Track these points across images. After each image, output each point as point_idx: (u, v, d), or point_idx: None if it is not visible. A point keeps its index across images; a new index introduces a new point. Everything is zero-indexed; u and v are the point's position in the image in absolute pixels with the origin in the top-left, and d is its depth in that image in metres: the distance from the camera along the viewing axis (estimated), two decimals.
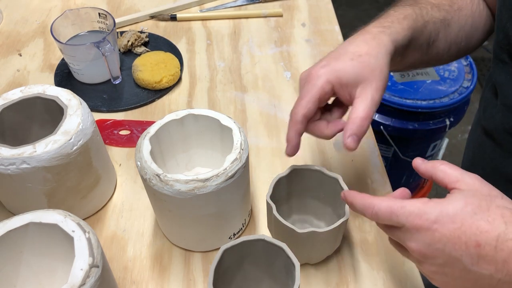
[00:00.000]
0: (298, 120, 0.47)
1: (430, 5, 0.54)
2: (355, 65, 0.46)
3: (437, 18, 0.54)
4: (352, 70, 0.46)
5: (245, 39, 0.86)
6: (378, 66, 0.46)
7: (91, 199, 0.58)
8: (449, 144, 1.81)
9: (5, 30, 0.89)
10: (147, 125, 0.71)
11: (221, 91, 0.77)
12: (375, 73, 0.46)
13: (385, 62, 0.47)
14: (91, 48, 0.72)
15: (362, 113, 0.45)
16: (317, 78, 0.47)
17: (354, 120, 0.45)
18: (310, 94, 0.47)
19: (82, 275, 0.39)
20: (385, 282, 0.54)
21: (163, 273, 0.55)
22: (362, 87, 0.46)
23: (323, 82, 0.46)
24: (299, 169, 0.53)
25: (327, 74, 0.47)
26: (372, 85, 0.46)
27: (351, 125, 0.45)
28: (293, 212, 0.58)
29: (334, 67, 0.47)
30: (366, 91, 0.46)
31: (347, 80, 0.46)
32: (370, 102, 0.46)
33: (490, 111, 0.58)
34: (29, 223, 0.44)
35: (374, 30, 0.49)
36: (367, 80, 0.46)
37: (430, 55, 0.56)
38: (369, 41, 0.48)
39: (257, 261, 0.47)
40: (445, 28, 0.55)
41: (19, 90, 0.56)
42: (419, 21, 0.52)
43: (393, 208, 0.38)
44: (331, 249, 0.54)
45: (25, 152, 0.49)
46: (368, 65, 0.46)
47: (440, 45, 0.55)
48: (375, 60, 0.47)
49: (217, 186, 0.47)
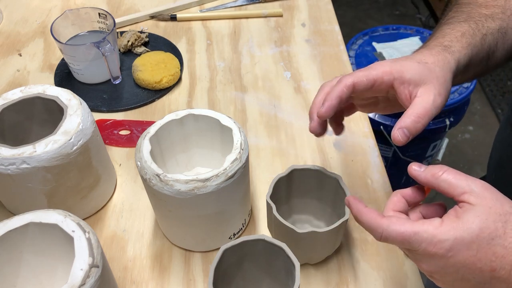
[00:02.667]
0: (348, 84, 0.45)
1: (484, 17, 0.53)
2: (421, 67, 0.45)
3: (494, 28, 0.52)
4: (418, 69, 0.45)
5: (245, 39, 0.86)
6: (443, 76, 0.45)
7: (91, 199, 0.58)
8: (449, 144, 1.81)
9: (5, 30, 0.89)
10: (147, 125, 0.71)
11: (221, 91, 0.77)
12: (439, 80, 0.45)
13: (450, 76, 0.46)
14: (91, 48, 0.72)
15: (420, 110, 0.43)
16: (381, 66, 0.45)
17: (409, 114, 0.43)
18: (367, 72, 0.45)
19: (82, 275, 0.39)
20: (385, 282, 0.54)
21: (163, 273, 0.55)
22: (425, 88, 0.44)
23: (386, 70, 0.45)
24: (299, 169, 0.53)
25: (392, 66, 0.45)
26: (436, 88, 0.44)
27: (405, 118, 0.43)
28: (293, 212, 0.58)
29: (400, 63, 0.45)
30: (429, 92, 0.44)
31: (411, 77, 0.44)
32: (431, 102, 0.43)
33: None
34: (29, 223, 0.44)
35: (437, 48, 0.48)
36: (431, 83, 0.44)
37: (489, 65, 0.54)
38: (435, 55, 0.47)
39: (257, 261, 0.47)
40: (502, 37, 0.53)
41: (19, 90, 0.56)
42: (477, 35, 0.50)
43: (404, 235, 0.37)
44: (331, 249, 0.54)
45: (25, 152, 0.49)
46: (433, 71, 0.45)
47: (498, 54, 0.54)
48: (440, 69, 0.45)
49: (217, 186, 0.47)
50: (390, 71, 0.45)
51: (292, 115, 0.73)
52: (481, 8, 0.54)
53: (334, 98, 0.45)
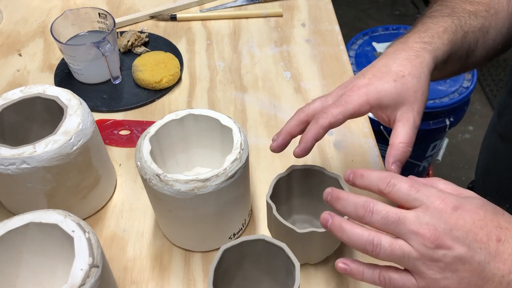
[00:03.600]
0: (324, 125, 0.46)
1: (468, 13, 0.53)
2: (398, 87, 0.45)
3: (475, 26, 0.52)
4: (395, 91, 0.45)
5: (245, 39, 0.86)
6: (420, 88, 0.46)
7: (91, 199, 0.58)
8: (449, 144, 1.81)
9: (5, 30, 0.89)
10: (147, 125, 0.71)
11: (221, 91, 0.77)
12: (417, 95, 0.45)
13: (427, 83, 0.47)
14: (91, 48, 0.72)
15: (405, 139, 0.44)
16: (358, 96, 0.46)
17: (397, 146, 0.44)
18: (345, 108, 0.46)
19: (82, 275, 0.39)
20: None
21: (163, 273, 0.55)
22: (403, 110, 0.45)
23: (363, 102, 0.45)
24: (299, 169, 0.53)
25: (369, 94, 0.46)
26: (414, 108, 0.45)
27: (394, 151, 0.44)
28: (293, 212, 0.58)
29: (376, 88, 0.46)
30: (408, 115, 0.45)
31: (388, 102, 0.45)
32: (412, 126, 0.45)
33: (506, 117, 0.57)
34: (29, 223, 0.44)
35: (416, 46, 0.48)
36: (409, 103, 0.45)
37: (468, 63, 0.55)
38: (413, 60, 0.47)
39: (257, 261, 0.47)
40: (483, 36, 0.53)
41: (19, 90, 0.56)
42: (458, 32, 0.51)
43: (414, 183, 0.37)
44: (331, 249, 0.54)
45: (25, 152, 0.49)
46: (411, 87, 0.45)
47: (478, 53, 0.54)
48: (417, 81, 0.46)
49: (217, 186, 0.47)
50: (367, 101, 0.45)
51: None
52: (465, 4, 0.54)
53: (310, 141, 0.46)
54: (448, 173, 1.79)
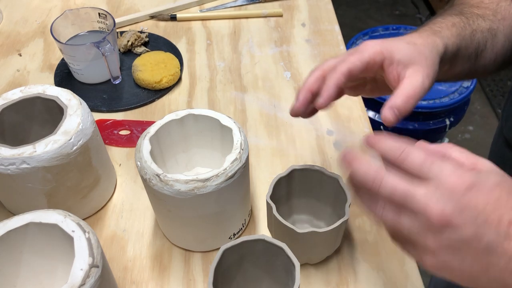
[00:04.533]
0: (343, 71, 0.44)
1: (475, 15, 0.53)
2: (410, 48, 0.45)
3: (483, 27, 0.53)
4: (407, 50, 0.45)
5: (245, 39, 0.86)
6: (431, 58, 0.45)
7: (91, 199, 0.58)
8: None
9: (5, 30, 0.89)
10: (147, 125, 0.71)
11: (221, 91, 0.77)
12: (428, 62, 0.45)
13: (437, 59, 0.46)
14: (91, 48, 0.72)
15: (410, 91, 0.43)
16: (371, 47, 0.45)
17: (399, 95, 0.42)
18: (361, 55, 0.45)
19: (82, 275, 0.39)
20: (385, 282, 0.54)
21: (163, 273, 0.55)
22: (414, 69, 0.44)
23: (376, 51, 0.45)
24: (299, 169, 0.53)
25: (382, 46, 0.45)
26: (424, 70, 0.44)
27: (395, 98, 0.42)
28: (293, 212, 0.58)
29: (389, 43, 0.45)
30: (417, 73, 0.44)
31: (400, 57, 0.44)
32: (420, 84, 0.43)
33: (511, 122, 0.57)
34: (29, 223, 0.44)
35: (426, 32, 0.48)
36: (420, 65, 0.44)
37: (477, 65, 0.54)
38: (424, 37, 0.47)
39: (257, 261, 0.47)
40: (492, 38, 0.53)
41: (19, 90, 0.56)
42: (467, 29, 0.51)
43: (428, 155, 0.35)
44: (331, 249, 0.54)
45: (25, 152, 0.49)
46: (422, 52, 0.45)
47: (487, 55, 0.54)
48: (429, 52, 0.45)
49: (217, 186, 0.47)
50: (380, 51, 0.45)
51: None
52: (473, 8, 0.55)
53: (332, 88, 0.44)
54: None
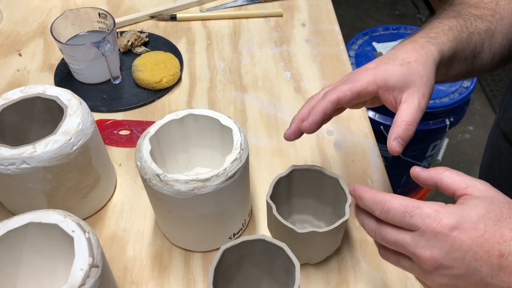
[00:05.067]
0: (332, 99, 0.46)
1: (473, 16, 0.54)
2: (404, 70, 0.46)
3: (481, 29, 0.53)
4: (401, 73, 0.46)
5: (245, 39, 0.86)
6: (426, 74, 0.46)
7: (91, 199, 0.58)
8: (449, 144, 1.81)
9: (5, 30, 0.89)
10: (147, 125, 0.71)
11: (221, 91, 0.77)
12: (423, 80, 0.46)
13: (433, 71, 0.47)
14: (91, 48, 0.72)
15: (408, 117, 0.44)
16: (364, 76, 0.46)
17: (399, 124, 0.44)
18: (352, 85, 0.46)
19: (82, 275, 0.39)
20: (385, 282, 0.54)
21: (163, 273, 0.55)
22: (409, 92, 0.45)
23: (370, 81, 0.46)
24: (299, 169, 0.53)
25: (375, 74, 0.46)
26: (419, 91, 0.45)
27: (396, 128, 0.44)
28: (293, 212, 0.58)
29: (383, 69, 0.46)
30: (413, 97, 0.45)
31: (394, 83, 0.46)
32: (417, 107, 0.45)
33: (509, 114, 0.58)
34: (29, 223, 0.43)
35: (421, 40, 0.49)
36: (415, 86, 0.45)
37: (474, 66, 0.55)
38: (418, 50, 0.48)
39: (257, 261, 0.47)
40: (489, 39, 0.54)
41: (19, 90, 0.56)
42: (464, 32, 0.52)
43: (407, 207, 0.36)
44: (331, 249, 0.54)
45: (25, 152, 0.49)
46: (417, 71, 0.46)
47: (484, 56, 0.55)
48: (423, 68, 0.46)
49: (217, 186, 0.47)
50: (374, 81, 0.46)
51: (292, 115, 0.72)
52: (471, 8, 0.55)
53: (318, 114, 0.46)
54: None
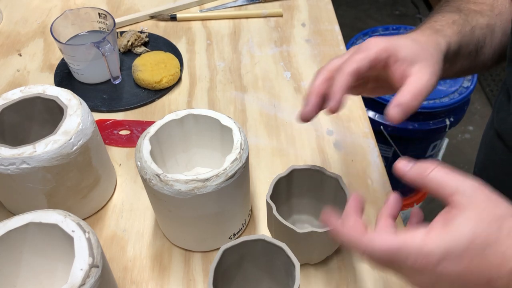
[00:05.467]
0: (350, 71, 0.43)
1: (473, 12, 0.53)
2: (415, 45, 0.44)
3: (482, 23, 0.52)
4: (413, 47, 0.44)
5: (245, 39, 0.86)
6: (436, 56, 0.44)
7: (91, 199, 0.58)
8: (449, 144, 1.81)
9: (5, 30, 0.89)
10: (147, 125, 0.71)
11: (221, 91, 0.77)
12: (433, 59, 0.44)
13: (441, 58, 0.45)
14: (91, 48, 0.72)
15: (417, 88, 0.41)
16: (375, 44, 0.44)
17: (407, 92, 0.41)
18: (366, 54, 0.43)
19: (82, 275, 0.39)
20: (385, 282, 0.54)
21: (163, 273, 0.55)
22: (420, 66, 0.43)
23: (382, 48, 0.43)
24: (299, 169, 0.53)
25: (386, 43, 0.44)
26: (430, 68, 0.43)
27: (402, 95, 0.41)
28: (293, 212, 0.58)
29: (394, 40, 0.44)
30: (423, 71, 0.42)
31: (405, 55, 0.43)
32: (427, 81, 0.42)
33: (502, 114, 0.58)
34: (29, 223, 0.44)
35: (428, 31, 0.48)
36: (425, 61, 0.43)
37: (477, 62, 0.54)
38: (427, 36, 0.46)
39: (257, 261, 0.47)
40: (490, 34, 0.53)
41: (19, 90, 0.56)
42: (467, 26, 0.50)
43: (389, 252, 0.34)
44: (331, 249, 0.54)
45: (25, 152, 0.49)
46: (427, 49, 0.44)
47: (486, 51, 0.54)
48: (434, 50, 0.45)
49: (217, 186, 0.47)
50: (385, 48, 0.44)
51: (292, 115, 0.73)
52: (470, 4, 0.54)
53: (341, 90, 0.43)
54: None
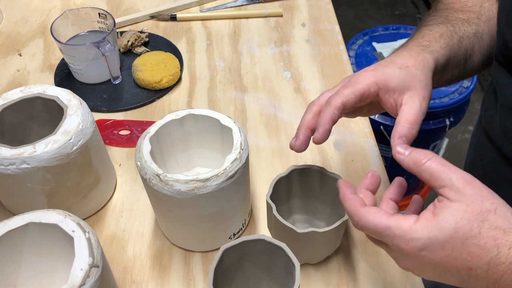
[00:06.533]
0: (337, 105, 0.45)
1: (461, 21, 0.54)
2: (403, 73, 0.46)
3: (470, 32, 0.53)
4: (401, 76, 0.45)
5: (245, 39, 0.86)
6: (424, 79, 0.46)
7: (91, 199, 0.58)
8: (449, 144, 1.81)
9: (5, 30, 0.89)
10: (147, 125, 0.71)
11: (221, 91, 0.77)
12: (422, 84, 0.46)
13: (430, 78, 0.47)
14: (91, 48, 0.72)
15: (411, 118, 0.44)
16: (364, 78, 0.46)
17: (403, 123, 0.43)
18: (355, 88, 0.45)
19: (82, 275, 0.39)
20: (385, 282, 0.54)
21: (163, 273, 0.55)
22: (409, 94, 0.45)
23: (370, 82, 0.45)
24: (299, 169, 0.53)
25: (375, 76, 0.46)
26: (420, 94, 0.45)
27: (399, 128, 0.43)
28: (293, 212, 0.58)
29: (382, 71, 0.46)
30: (414, 98, 0.45)
31: (395, 85, 0.45)
32: (418, 109, 0.44)
33: (490, 113, 0.58)
34: (29, 223, 0.44)
35: (416, 49, 0.49)
36: (415, 89, 0.45)
37: (466, 69, 0.55)
38: (415, 56, 0.48)
39: (257, 261, 0.47)
40: (478, 41, 0.54)
41: (19, 90, 0.56)
42: (454, 37, 0.52)
43: (378, 227, 0.38)
44: (331, 249, 0.54)
45: (25, 152, 0.49)
46: (416, 75, 0.46)
47: (475, 58, 0.55)
48: (421, 72, 0.46)
49: (217, 186, 0.47)
50: (374, 82, 0.45)
51: (292, 115, 0.73)
52: (457, 12, 0.55)
53: (327, 123, 0.45)
54: None
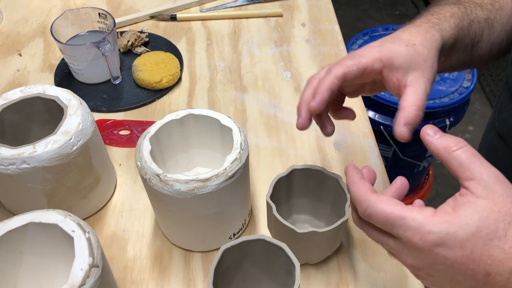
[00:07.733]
0: (338, 75, 0.43)
1: (474, 4, 0.52)
2: (410, 51, 0.44)
3: (481, 17, 0.52)
4: (407, 54, 0.44)
5: (245, 39, 0.86)
6: (430, 59, 0.45)
7: (91, 199, 0.58)
8: None
9: (5, 30, 0.89)
10: (147, 125, 0.71)
11: (221, 91, 0.77)
12: (427, 64, 0.44)
13: (436, 57, 0.45)
14: (91, 48, 0.72)
15: (416, 102, 0.42)
16: (370, 52, 0.44)
17: (409, 109, 0.42)
18: (359, 61, 0.44)
19: (82, 275, 0.39)
20: (385, 282, 0.54)
21: (163, 273, 0.55)
22: (414, 75, 0.43)
23: (375, 58, 0.44)
24: (299, 169, 0.53)
25: (381, 52, 0.44)
26: (425, 76, 0.44)
27: (405, 113, 0.41)
28: (293, 212, 0.58)
29: (388, 47, 0.44)
30: (419, 81, 0.43)
31: (400, 63, 0.43)
32: (423, 92, 0.43)
33: (504, 114, 0.57)
34: (29, 223, 0.43)
35: (424, 25, 0.47)
36: (420, 69, 0.44)
37: (473, 56, 0.54)
38: (422, 33, 0.46)
39: (257, 261, 0.47)
40: (488, 28, 0.53)
41: (19, 90, 0.56)
42: (465, 19, 0.50)
43: (389, 216, 0.34)
44: (331, 249, 0.54)
45: (25, 152, 0.49)
46: (422, 55, 0.44)
47: (483, 46, 0.53)
48: (428, 52, 0.45)
49: (217, 186, 0.47)
50: (379, 58, 0.44)
51: (292, 115, 0.73)
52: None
53: (325, 91, 0.43)
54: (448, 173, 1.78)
